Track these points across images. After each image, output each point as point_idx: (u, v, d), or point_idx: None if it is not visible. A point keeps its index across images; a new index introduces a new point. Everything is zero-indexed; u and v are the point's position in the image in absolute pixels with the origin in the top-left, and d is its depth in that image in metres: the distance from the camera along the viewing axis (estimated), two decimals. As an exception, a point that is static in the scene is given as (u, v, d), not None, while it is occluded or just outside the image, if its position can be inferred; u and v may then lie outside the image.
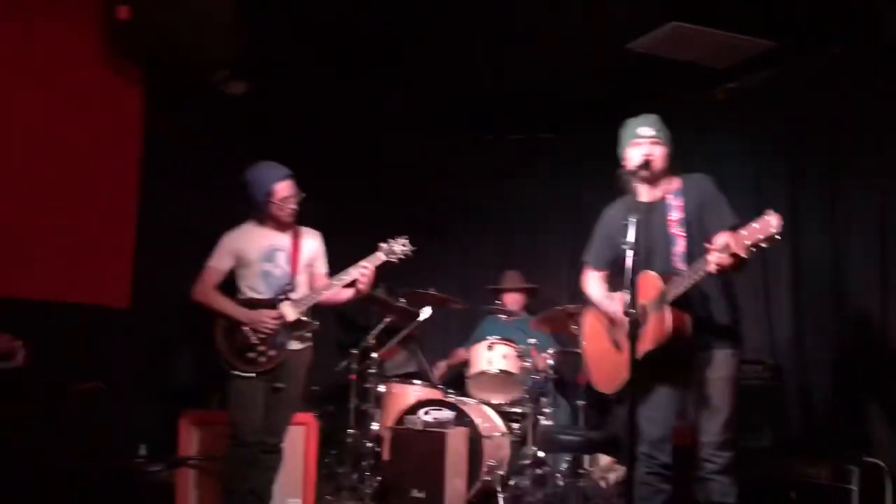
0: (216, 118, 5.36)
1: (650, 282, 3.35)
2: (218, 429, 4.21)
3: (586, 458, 5.30)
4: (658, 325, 3.29)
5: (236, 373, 3.99)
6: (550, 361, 5.33)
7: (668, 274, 3.34)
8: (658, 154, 3.51)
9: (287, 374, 4.09)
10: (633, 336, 3.16)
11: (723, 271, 3.11)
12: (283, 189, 4.08)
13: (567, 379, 5.88)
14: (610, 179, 3.44)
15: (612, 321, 3.59)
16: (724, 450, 3.34)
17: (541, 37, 4.91)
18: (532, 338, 5.33)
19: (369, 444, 5.30)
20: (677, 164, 5.55)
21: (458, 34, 4.91)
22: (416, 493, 4.62)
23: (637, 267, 3.23)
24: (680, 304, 3.27)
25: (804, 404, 4.73)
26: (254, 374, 3.99)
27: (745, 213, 5.02)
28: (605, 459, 5.26)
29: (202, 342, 4.15)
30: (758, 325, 5.00)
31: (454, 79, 5.55)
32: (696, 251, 3.28)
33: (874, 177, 4.51)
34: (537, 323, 5.46)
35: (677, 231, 3.41)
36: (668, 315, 3.25)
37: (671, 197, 3.48)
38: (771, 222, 2.89)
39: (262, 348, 4.02)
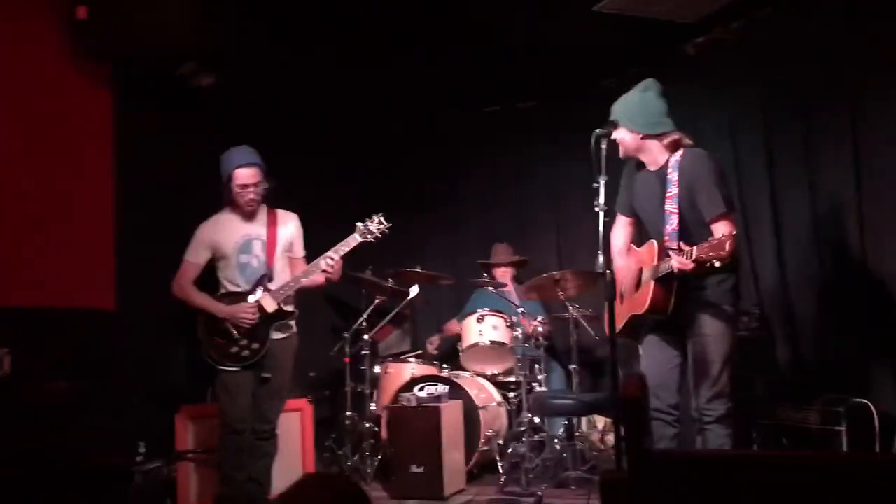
0: (188, 111, 5.35)
1: (651, 251, 3.58)
2: (214, 422, 4.24)
3: (584, 421, 5.36)
4: (642, 296, 3.54)
5: (221, 368, 4.02)
6: (541, 329, 5.37)
7: (662, 247, 3.49)
8: (619, 138, 3.60)
9: (273, 363, 4.10)
10: (610, 296, 3.25)
11: (685, 275, 3.30)
12: (243, 176, 4.03)
13: (558, 344, 5.93)
14: (589, 143, 3.45)
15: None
16: (714, 402, 3.46)
17: (512, 4, 4.88)
18: (521, 307, 5.36)
19: (368, 425, 5.35)
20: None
21: (429, 5, 4.87)
22: (415, 469, 4.67)
23: (645, 232, 3.65)
24: (664, 281, 3.45)
25: (791, 351, 4.75)
26: (238, 369, 4.02)
27: (725, 164, 5.10)
28: (601, 421, 5.32)
29: (192, 337, 4.17)
30: (745, 277, 5.01)
31: (430, 52, 5.51)
32: (687, 230, 3.43)
33: (846, 121, 4.49)
34: (526, 291, 5.49)
35: (671, 208, 3.50)
36: (650, 290, 3.47)
37: (670, 170, 3.55)
38: (724, 245, 3.07)
39: (244, 342, 4.04)
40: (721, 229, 3.34)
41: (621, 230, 3.85)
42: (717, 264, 3.13)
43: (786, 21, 4.84)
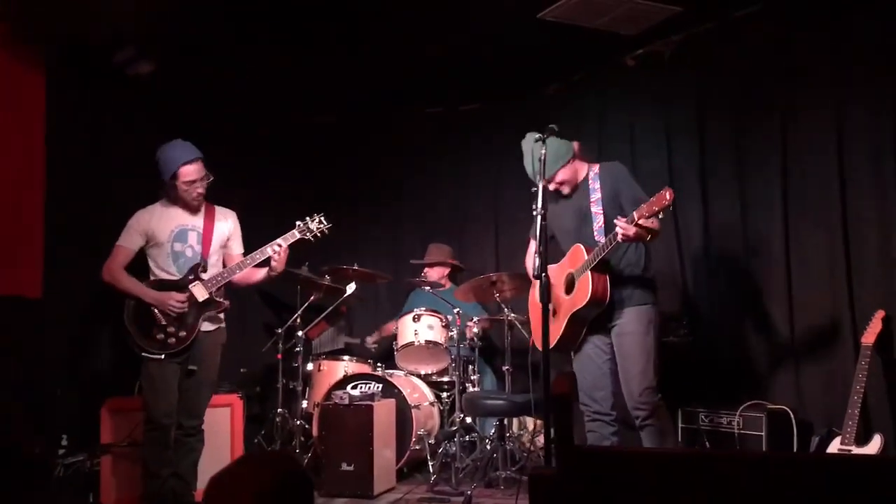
0: (123, 100, 5.24)
1: (579, 253, 3.88)
2: (140, 415, 4.15)
3: (515, 422, 5.42)
4: (582, 288, 3.80)
5: (146, 354, 3.94)
6: (476, 329, 5.41)
7: (591, 246, 3.82)
8: (560, 179, 3.99)
9: (200, 355, 4.05)
10: (545, 298, 3.34)
11: (631, 240, 3.65)
12: (190, 172, 4.01)
13: (492, 346, 5.98)
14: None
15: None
16: (645, 397, 3.77)
17: (455, 8, 4.91)
18: (457, 307, 5.39)
19: (298, 422, 5.31)
20: (594, 131, 5.72)
21: (371, 7, 4.87)
22: (346, 467, 4.66)
23: (569, 242, 3.97)
24: (599, 269, 3.77)
25: (716, 357, 4.89)
26: (162, 356, 3.93)
27: (659, 174, 5.24)
28: (532, 422, 5.38)
29: (119, 328, 4.08)
30: (674, 283, 5.15)
31: (373, 52, 5.50)
32: (612, 227, 3.70)
33: (775, 133, 4.66)
34: (462, 292, 5.52)
35: (596, 210, 3.91)
36: (588, 278, 3.76)
37: (591, 180, 3.97)
38: (665, 196, 3.41)
39: (171, 329, 3.97)
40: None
41: (531, 254, 4.09)
42: (660, 217, 3.51)
43: (721, 38, 4.99)
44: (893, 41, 4.09)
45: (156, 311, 3.96)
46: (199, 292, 4.01)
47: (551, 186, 3.95)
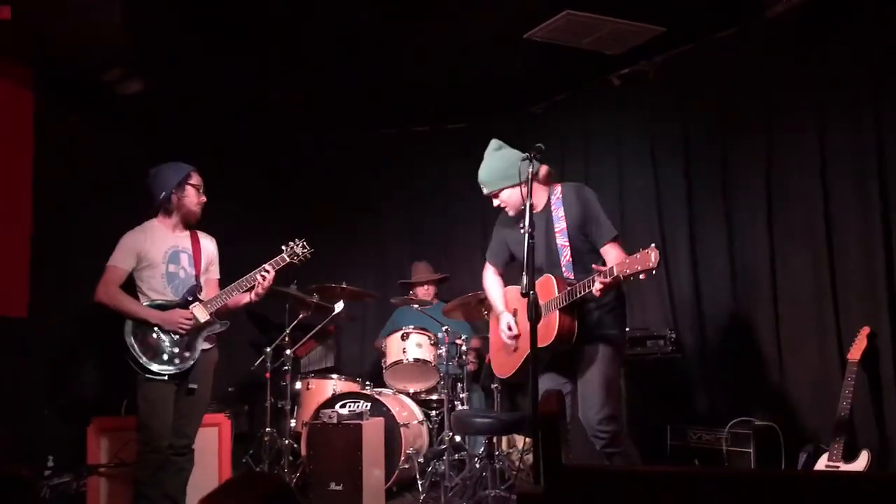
0: (112, 119, 5.24)
1: (548, 285, 3.63)
2: (127, 435, 4.13)
3: (504, 440, 5.41)
4: (548, 326, 3.58)
5: (150, 375, 3.90)
6: (464, 347, 5.40)
7: (560, 279, 3.61)
8: (504, 200, 3.79)
9: (198, 374, 4.03)
10: (533, 317, 3.29)
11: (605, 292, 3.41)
12: (197, 177, 4.09)
13: (483, 363, 5.97)
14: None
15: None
16: (604, 425, 3.56)
17: (444, 28, 4.95)
18: (445, 325, 5.39)
19: (287, 441, 5.28)
20: (580, 150, 5.77)
21: (358, 29, 4.90)
22: (334, 486, 4.63)
23: (536, 268, 3.47)
24: (568, 309, 3.56)
25: (703, 374, 4.92)
26: (166, 377, 3.92)
27: (645, 192, 5.27)
28: (521, 440, 5.38)
29: (105, 348, 4.06)
30: (661, 302, 5.17)
31: (361, 71, 5.54)
32: (579, 259, 3.62)
33: (760, 152, 4.71)
34: (449, 310, 5.52)
35: (562, 242, 3.67)
36: (556, 317, 3.55)
37: (554, 206, 3.73)
38: (650, 257, 3.12)
39: (176, 350, 3.95)
40: (612, 252, 3.58)
41: (494, 279, 4.03)
42: (642, 277, 3.21)
43: (704, 59, 5.05)
44: (872, 63, 4.15)
45: (159, 331, 3.94)
46: (201, 313, 4.00)
47: (494, 202, 3.84)
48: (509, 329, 3.81)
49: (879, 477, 3.30)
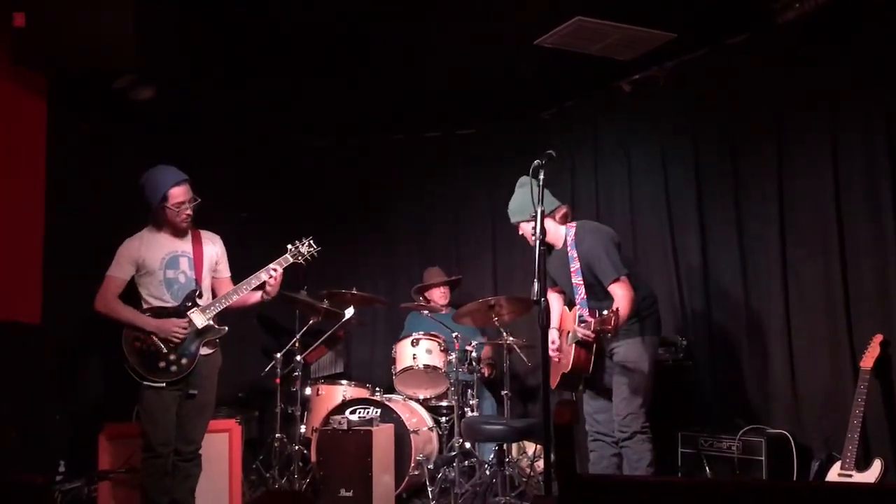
0: (121, 126, 5.26)
1: (571, 318, 4.17)
2: (138, 441, 4.13)
3: (514, 447, 5.40)
4: (567, 357, 4.11)
5: (147, 383, 3.92)
6: (474, 353, 5.40)
7: (575, 315, 4.09)
8: (523, 231, 4.26)
9: (199, 380, 4.04)
10: (544, 324, 3.34)
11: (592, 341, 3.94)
12: (178, 194, 4.01)
13: (495, 369, 5.97)
14: (526, 172, 3.56)
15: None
16: (627, 421, 4.03)
17: (455, 34, 4.96)
18: (456, 331, 5.39)
19: (297, 447, 5.29)
20: (590, 155, 5.77)
21: (369, 34, 4.92)
22: (344, 493, 4.63)
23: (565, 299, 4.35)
24: (583, 344, 4.02)
25: (715, 381, 4.90)
26: (164, 384, 3.93)
27: (656, 198, 5.27)
28: (532, 447, 5.36)
29: (117, 354, 4.07)
30: (672, 309, 5.15)
31: (372, 76, 5.55)
32: (594, 296, 4.05)
33: (771, 159, 4.69)
34: (460, 316, 5.51)
35: (577, 281, 4.11)
36: (572, 350, 4.04)
37: (570, 246, 4.16)
38: (609, 321, 3.64)
39: (172, 357, 3.96)
40: (616, 291, 3.95)
41: (555, 299, 4.43)
42: (609, 336, 3.85)
43: (715, 64, 5.04)
44: (884, 69, 4.13)
45: (156, 339, 3.95)
46: (199, 319, 4.01)
47: (519, 231, 4.29)
48: (552, 343, 4.18)
49: (893, 489, 3.27)
